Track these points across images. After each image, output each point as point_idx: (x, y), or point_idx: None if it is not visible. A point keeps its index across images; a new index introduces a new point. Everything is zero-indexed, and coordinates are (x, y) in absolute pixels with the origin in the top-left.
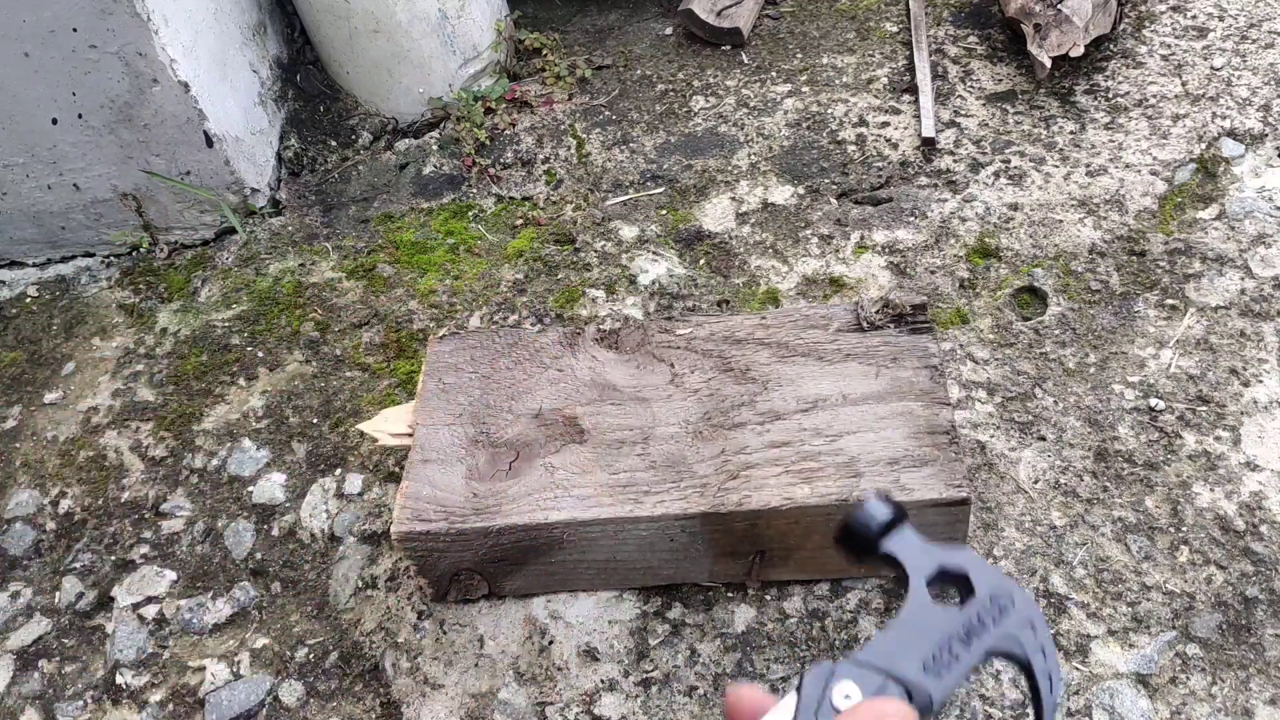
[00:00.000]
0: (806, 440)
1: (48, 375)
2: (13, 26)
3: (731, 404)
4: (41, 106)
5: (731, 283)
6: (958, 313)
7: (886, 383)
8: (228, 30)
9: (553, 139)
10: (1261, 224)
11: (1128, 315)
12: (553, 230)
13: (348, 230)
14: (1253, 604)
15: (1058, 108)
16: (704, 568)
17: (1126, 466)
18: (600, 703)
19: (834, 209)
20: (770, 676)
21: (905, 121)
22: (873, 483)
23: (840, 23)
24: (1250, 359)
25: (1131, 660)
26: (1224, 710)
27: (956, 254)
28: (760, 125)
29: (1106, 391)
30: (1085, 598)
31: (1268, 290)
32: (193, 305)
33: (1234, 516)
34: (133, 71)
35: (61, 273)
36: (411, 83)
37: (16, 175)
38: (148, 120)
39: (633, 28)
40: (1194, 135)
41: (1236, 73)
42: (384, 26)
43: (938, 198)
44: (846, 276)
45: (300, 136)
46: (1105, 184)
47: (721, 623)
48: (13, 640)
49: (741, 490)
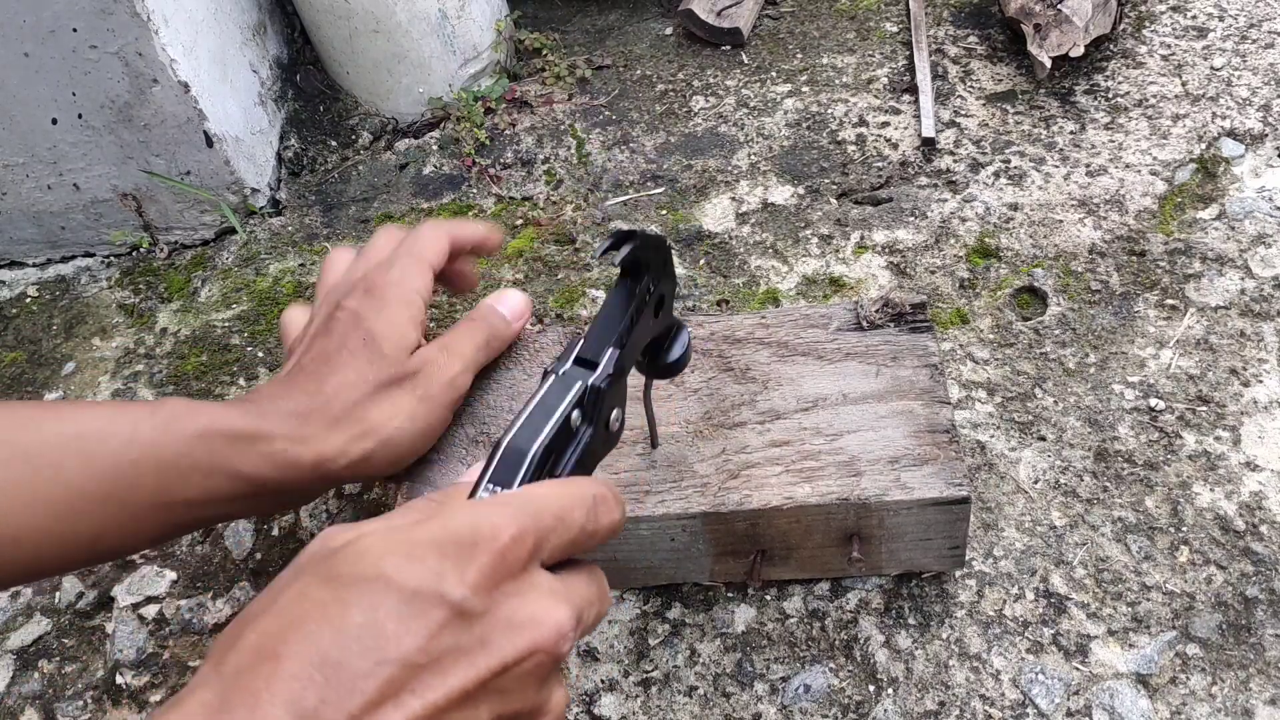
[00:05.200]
0: (807, 439)
1: (48, 375)
2: (13, 26)
3: (732, 403)
4: (41, 106)
5: (731, 282)
6: (958, 313)
7: (886, 382)
8: (228, 30)
9: (553, 139)
10: (1261, 224)
11: (1128, 315)
12: (553, 230)
13: (348, 230)
14: (1253, 604)
15: (1058, 108)
16: (705, 567)
17: (1126, 466)
18: (600, 703)
19: (834, 209)
20: (770, 676)
21: (905, 121)
22: (874, 481)
23: (840, 23)
24: (1250, 359)
25: (1131, 660)
26: (1224, 710)
27: (956, 254)
28: (760, 125)
29: (1106, 391)
30: (1085, 598)
31: (1268, 290)
32: (193, 305)
33: (1234, 516)
34: (133, 71)
35: (61, 273)
36: (411, 83)
37: (16, 175)
38: (148, 120)
39: (633, 28)
40: (1194, 135)
41: (1236, 73)
42: (384, 26)
43: (938, 198)
44: (846, 276)
45: (300, 136)
46: (1105, 184)
47: (721, 623)
48: (13, 640)
49: (742, 490)
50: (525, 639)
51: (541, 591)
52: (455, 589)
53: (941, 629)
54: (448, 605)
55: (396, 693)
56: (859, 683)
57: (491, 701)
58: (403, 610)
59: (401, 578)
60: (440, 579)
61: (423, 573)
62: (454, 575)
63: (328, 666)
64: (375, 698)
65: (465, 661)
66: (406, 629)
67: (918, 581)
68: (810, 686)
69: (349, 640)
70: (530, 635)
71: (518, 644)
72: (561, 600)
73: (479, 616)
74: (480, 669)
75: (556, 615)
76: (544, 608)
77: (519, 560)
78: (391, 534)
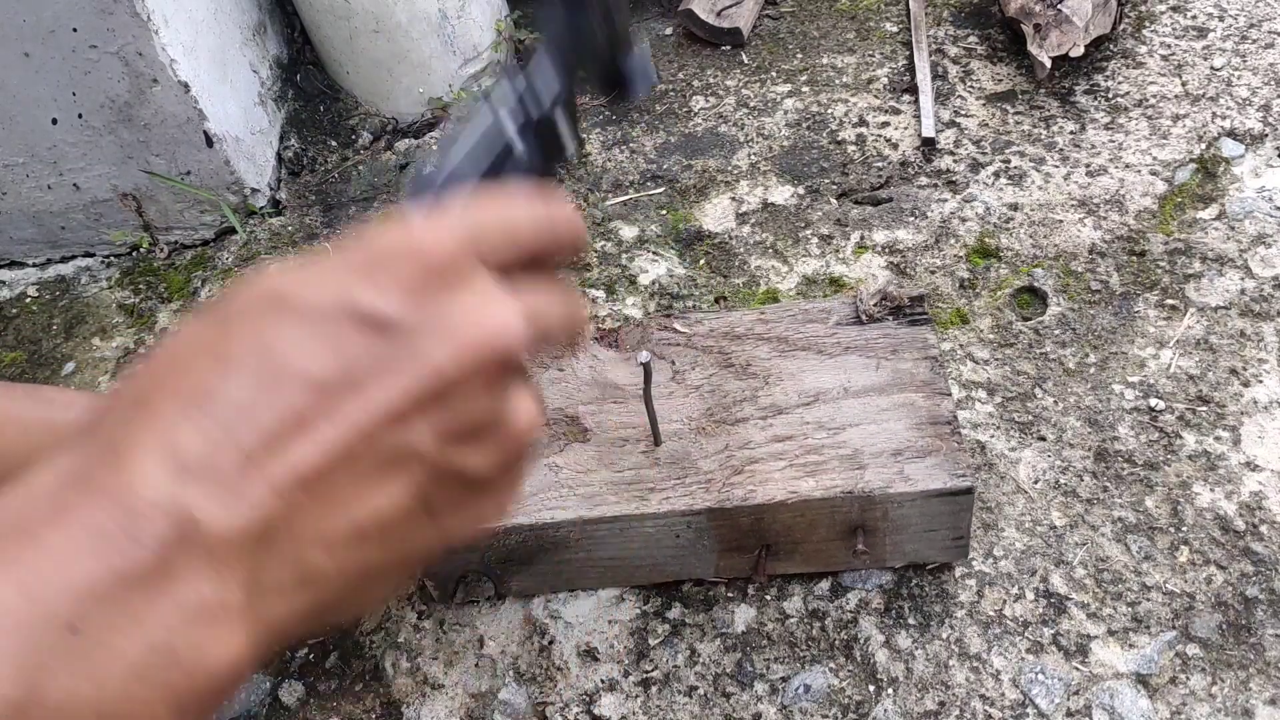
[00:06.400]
0: (809, 434)
1: (48, 375)
2: (13, 26)
3: (733, 399)
4: (41, 106)
5: (731, 282)
6: (958, 313)
7: (887, 375)
8: (228, 30)
9: None
10: (1261, 224)
11: (1128, 315)
12: None
13: (348, 230)
14: (1253, 604)
15: (1058, 108)
16: (710, 563)
17: (1126, 466)
18: (600, 703)
19: (834, 209)
20: (770, 676)
21: (905, 121)
22: (877, 474)
23: (840, 23)
24: (1250, 359)
25: (1131, 660)
26: (1224, 710)
27: (956, 254)
28: (760, 125)
29: (1106, 391)
30: (1085, 598)
31: (1268, 290)
32: (193, 305)
33: (1234, 516)
34: (133, 71)
35: (61, 273)
36: (411, 83)
37: (16, 175)
38: (148, 120)
39: (633, 28)
40: (1194, 135)
41: (1236, 73)
42: (384, 26)
43: (938, 198)
44: (846, 276)
45: (300, 136)
46: (1105, 184)
47: (722, 623)
48: None
49: (746, 485)
50: (461, 338)
51: (480, 292)
52: (368, 298)
53: (941, 629)
54: (359, 316)
55: (304, 421)
56: (859, 683)
57: (430, 417)
58: (304, 329)
59: (303, 296)
60: (349, 290)
61: (329, 288)
62: (367, 286)
63: (210, 403)
64: (275, 428)
65: (388, 375)
66: (308, 348)
67: (918, 581)
68: (810, 686)
69: (236, 371)
70: (467, 334)
71: (450, 346)
72: (506, 298)
73: (402, 326)
74: (408, 380)
75: (499, 311)
76: (483, 305)
77: (451, 269)
78: (299, 268)
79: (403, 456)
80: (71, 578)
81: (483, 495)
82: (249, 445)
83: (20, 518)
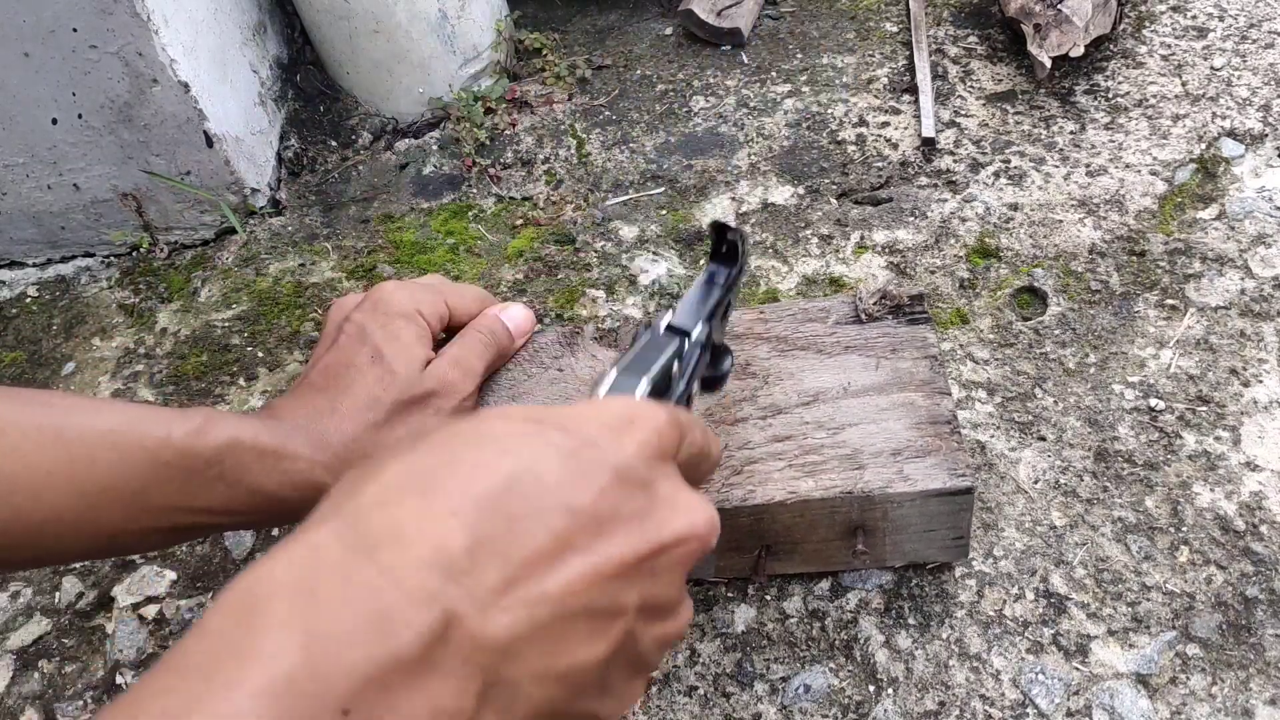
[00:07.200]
0: (809, 434)
1: (48, 375)
2: (13, 26)
3: (732, 399)
4: (41, 106)
5: None
6: (958, 313)
7: (886, 374)
8: (228, 30)
9: (553, 139)
10: (1261, 224)
11: (1128, 315)
12: (553, 230)
13: (348, 230)
14: (1253, 604)
15: (1058, 108)
16: (710, 563)
17: (1126, 466)
18: None
19: (834, 209)
20: (770, 676)
21: (905, 121)
22: (877, 474)
23: (840, 23)
24: (1250, 359)
25: (1131, 660)
26: (1224, 710)
27: (956, 254)
28: (760, 125)
29: (1106, 391)
30: (1085, 598)
31: (1268, 290)
32: (193, 305)
33: (1234, 516)
34: (133, 71)
35: (61, 273)
36: (411, 83)
37: (16, 175)
38: (148, 120)
39: (633, 28)
40: (1194, 135)
41: (1236, 73)
42: (384, 26)
43: (938, 198)
44: (846, 276)
45: (300, 136)
46: (1105, 184)
47: (722, 623)
48: (13, 640)
49: (746, 485)
50: (684, 521)
51: (686, 488)
52: (618, 453)
53: (941, 629)
54: (611, 467)
55: (562, 549)
56: (859, 683)
57: (644, 583)
58: (568, 463)
59: (560, 436)
60: (601, 442)
61: (582, 434)
62: (615, 442)
63: (490, 506)
64: (544, 548)
65: (629, 528)
66: (573, 481)
67: (918, 581)
68: (810, 686)
69: (514, 483)
70: (688, 519)
71: (677, 525)
72: (707, 500)
73: (642, 486)
74: (641, 540)
75: (708, 508)
76: (697, 499)
77: (671, 447)
78: (537, 408)
79: (615, 610)
80: (354, 658)
81: (635, 678)
82: (517, 559)
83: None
